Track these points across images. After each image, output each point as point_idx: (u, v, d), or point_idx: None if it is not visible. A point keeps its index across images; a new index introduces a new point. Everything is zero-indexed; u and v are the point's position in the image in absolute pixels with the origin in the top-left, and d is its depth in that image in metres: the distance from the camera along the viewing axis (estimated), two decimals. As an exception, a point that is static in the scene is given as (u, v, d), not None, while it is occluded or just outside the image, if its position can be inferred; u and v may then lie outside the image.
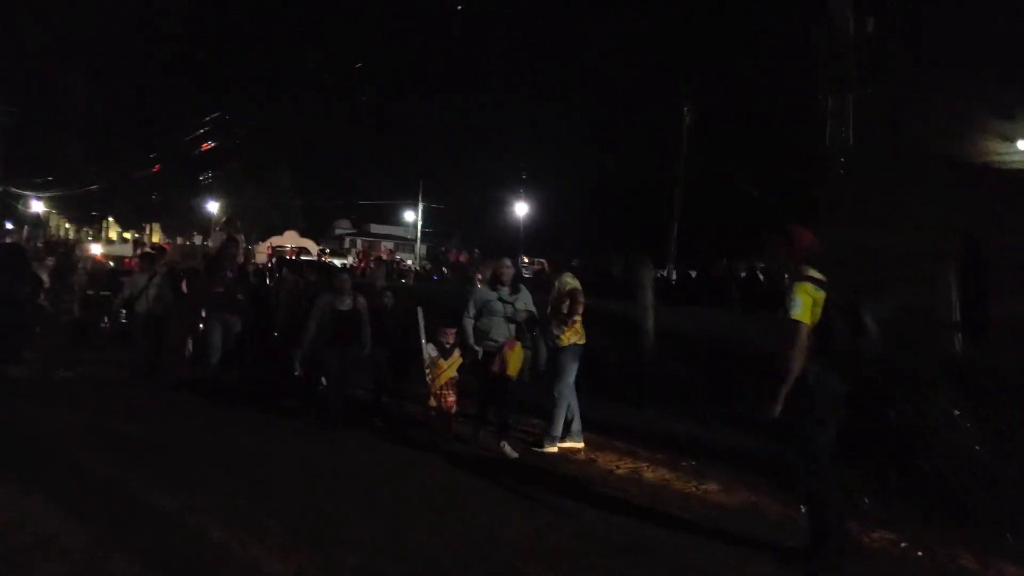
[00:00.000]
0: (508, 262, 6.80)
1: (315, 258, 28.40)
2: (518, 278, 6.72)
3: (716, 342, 8.08)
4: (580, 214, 35.90)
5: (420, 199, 41.71)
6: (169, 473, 5.39)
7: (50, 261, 10.81)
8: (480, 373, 6.68)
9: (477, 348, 6.59)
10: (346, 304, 7.35)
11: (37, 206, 40.79)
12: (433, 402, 6.69)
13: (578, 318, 6.62)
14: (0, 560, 3.85)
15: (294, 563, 3.97)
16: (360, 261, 25.95)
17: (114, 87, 50.40)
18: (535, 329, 7.02)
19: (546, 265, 6.17)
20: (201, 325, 8.80)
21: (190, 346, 8.80)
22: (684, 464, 6.28)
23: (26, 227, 37.45)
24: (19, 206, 39.07)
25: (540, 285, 9.20)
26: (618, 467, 6.24)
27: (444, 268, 17.87)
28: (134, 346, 9.52)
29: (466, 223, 41.94)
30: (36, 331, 9.92)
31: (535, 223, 37.96)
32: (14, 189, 33.96)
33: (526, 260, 38.13)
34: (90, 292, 11.56)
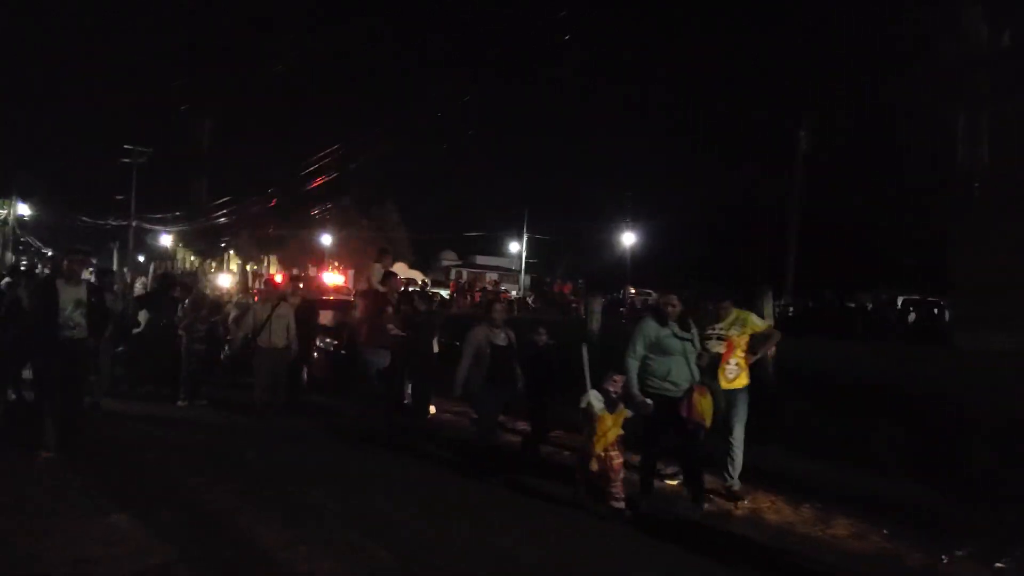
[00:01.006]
0: (675, 298, 5.79)
1: (421, 289, 28.96)
2: (686, 315, 5.84)
3: (841, 377, 7.65)
4: (691, 245, 35.17)
5: (525, 229, 42.03)
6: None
7: (176, 292, 11.07)
8: (652, 422, 5.73)
9: (646, 400, 5.64)
10: (501, 338, 6.73)
11: (166, 239, 43.62)
12: (596, 465, 5.51)
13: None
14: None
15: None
16: (462, 292, 26.24)
17: (236, 125, 53.60)
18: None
19: (672, 301, 5.49)
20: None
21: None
22: (808, 506, 5.89)
23: (153, 260, 40.29)
24: (149, 240, 42.00)
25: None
26: (736, 508, 5.90)
27: (528, 299, 17.62)
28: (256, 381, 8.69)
29: (571, 254, 41.88)
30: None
31: (643, 254, 37.45)
32: (145, 225, 36.55)
33: (632, 291, 37.69)
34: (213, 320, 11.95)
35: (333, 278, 20.51)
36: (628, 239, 37.35)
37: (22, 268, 16.44)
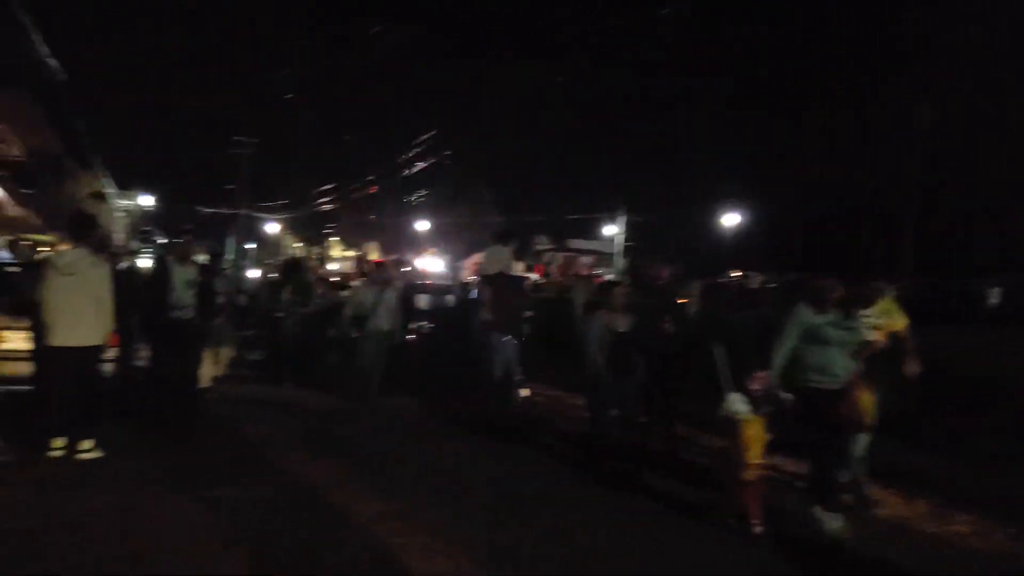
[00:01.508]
0: (835, 282, 5.30)
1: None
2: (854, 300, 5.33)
3: (959, 366, 7.16)
4: (799, 227, 33.68)
5: (622, 212, 41.45)
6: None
7: (310, 276, 11.35)
8: (810, 419, 5.16)
9: (785, 395, 5.11)
10: (621, 324, 6.30)
11: (272, 227, 45.41)
12: (750, 475, 4.83)
13: None
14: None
15: None
16: (557, 273, 26.09)
17: (338, 114, 55.08)
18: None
19: (832, 285, 4.84)
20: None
21: None
22: (923, 501, 5.55)
23: (264, 247, 42.12)
24: (258, 227, 43.88)
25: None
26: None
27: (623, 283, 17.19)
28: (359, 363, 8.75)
29: (671, 236, 40.97)
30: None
31: (747, 237, 36.17)
32: (254, 213, 38.22)
33: (735, 275, 36.43)
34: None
35: (430, 262, 20.71)
36: (730, 220, 36.10)
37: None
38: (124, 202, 31.55)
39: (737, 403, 5.00)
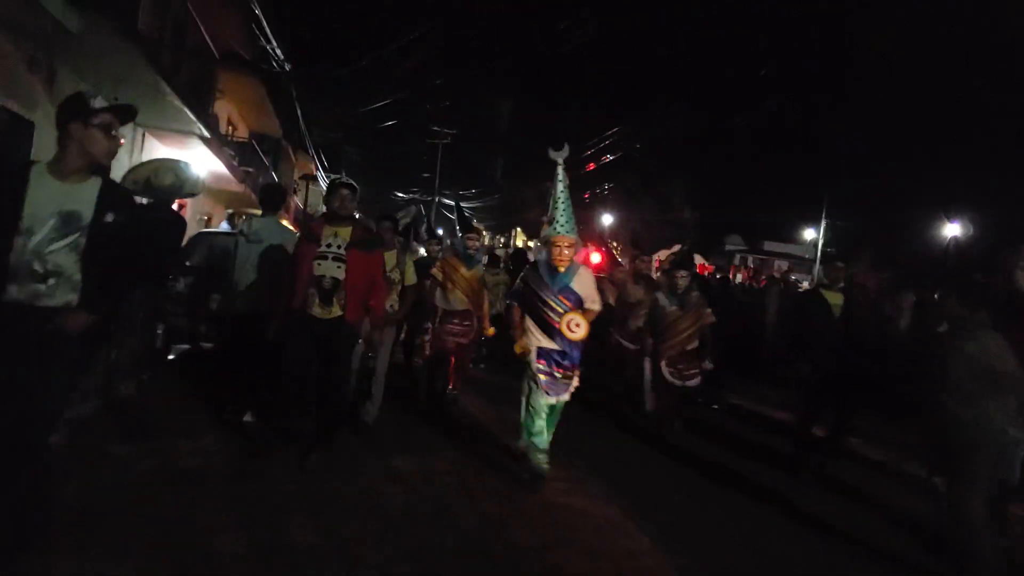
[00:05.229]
0: None
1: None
2: None
3: None
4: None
5: (823, 215, 38.46)
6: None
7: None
8: None
9: None
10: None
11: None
12: None
13: None
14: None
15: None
16: (744, 276, 24.51)
17: (529, 106, 55.75)
18: None
19: None
20: None
21: None
22: None
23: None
24: (448, 215, 45.54)
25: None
26: None
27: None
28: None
29: (879, 243, 37.46)
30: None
31: (970, 247, 32.22)
32: (445, 200, 39.58)
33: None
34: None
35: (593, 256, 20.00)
36: (952, 230, 32.37)
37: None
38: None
39: None
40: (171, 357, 7.91)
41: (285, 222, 6.90)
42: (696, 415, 7.95)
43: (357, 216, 5.34)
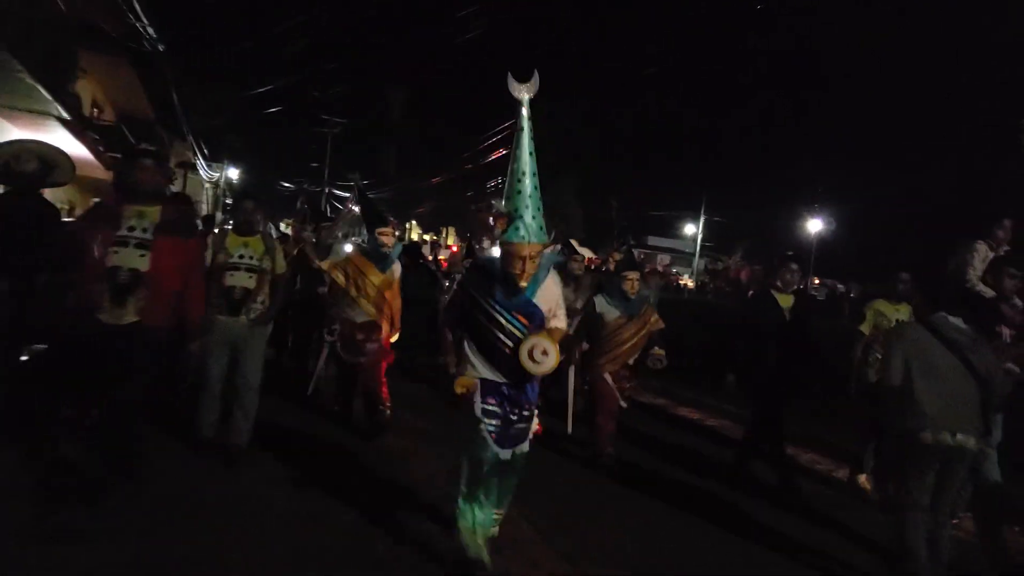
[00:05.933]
0: None
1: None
2: None
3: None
4: (891, 234, 31.90)
5: (703, 212, 40.23)
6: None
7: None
8: None
9: None
10: None
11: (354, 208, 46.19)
12: None
13: None
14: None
15: None
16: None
17: (424, 97, 55.25)
18: None
19: None
20: None
21: None
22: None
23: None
24: (339, 206, 44.64)
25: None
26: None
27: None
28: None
29: (751, 238, 39.54)
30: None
31: (831, 242, 34.58)
32: (336, 191, 38.79)
33: (816, 282, 34.87)
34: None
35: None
36: (814, 226, 34.66)
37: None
38: (212, 173, 32.43)
39: None
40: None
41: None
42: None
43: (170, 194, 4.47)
